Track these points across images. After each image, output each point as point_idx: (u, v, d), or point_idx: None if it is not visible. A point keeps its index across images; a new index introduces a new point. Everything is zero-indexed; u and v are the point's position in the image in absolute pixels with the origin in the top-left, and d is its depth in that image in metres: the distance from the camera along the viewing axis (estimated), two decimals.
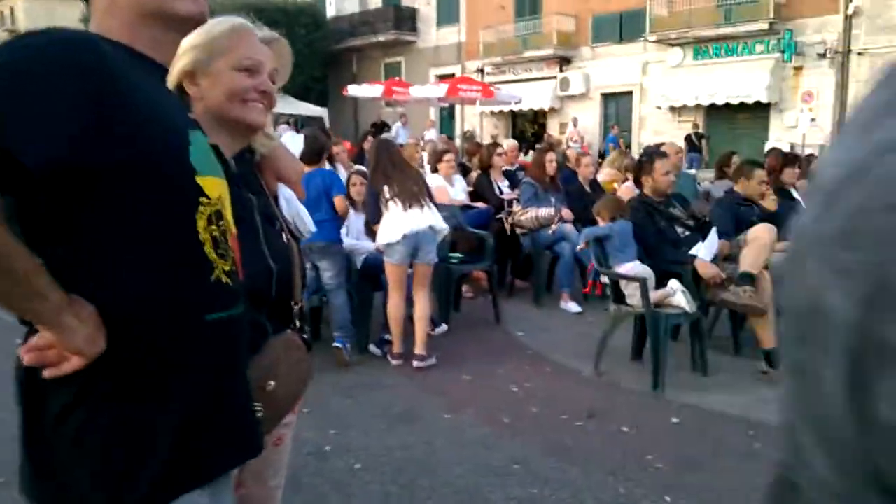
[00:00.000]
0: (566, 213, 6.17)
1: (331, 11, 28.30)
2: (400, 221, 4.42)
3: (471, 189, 7.00)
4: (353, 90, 19.62)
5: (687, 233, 4.81)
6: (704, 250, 4.57)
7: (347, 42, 27.50)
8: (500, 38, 23.15)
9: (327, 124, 24.44)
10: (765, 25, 17.33)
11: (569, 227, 6.05)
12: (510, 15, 23.34)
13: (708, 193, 7.78)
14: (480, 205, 6.58)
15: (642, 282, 4.23)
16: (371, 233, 4.86)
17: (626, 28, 20.71)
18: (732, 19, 17.92)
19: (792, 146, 15.59)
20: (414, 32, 26.74)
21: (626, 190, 6.79)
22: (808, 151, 15.63)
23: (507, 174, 7.22)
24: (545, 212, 6.08)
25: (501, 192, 6.76)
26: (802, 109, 16.64)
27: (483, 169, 7.01)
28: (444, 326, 5.25)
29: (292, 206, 1.88)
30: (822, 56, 16.94)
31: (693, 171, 10.21)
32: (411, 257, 4.49)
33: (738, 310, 4.38)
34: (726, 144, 17.90)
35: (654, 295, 4.31)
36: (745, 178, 5.18)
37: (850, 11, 16.44)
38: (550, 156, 6.41)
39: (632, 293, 4.37)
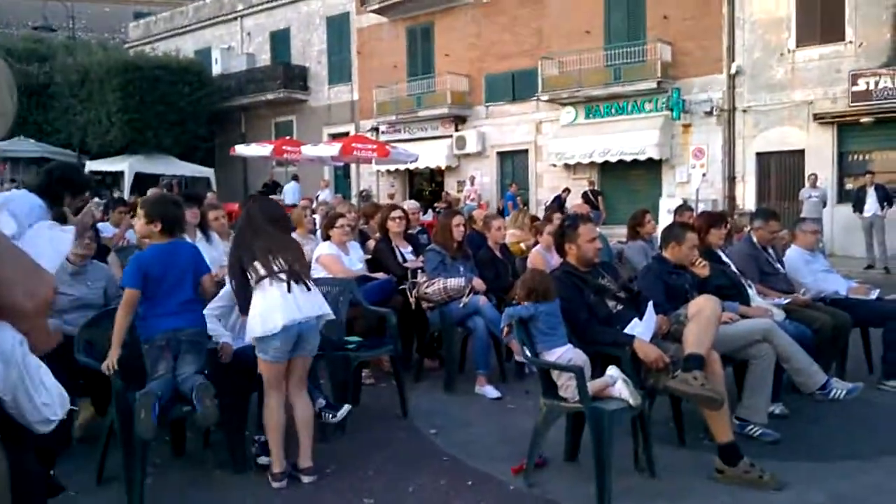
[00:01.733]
0: (478, 283, 5.47)
1: (216, 69, 27.23)
2: (278, 307, 3.55)
3: (369, 257, 6.22)
4: (240, 150, 18.59)
5: (619, 307, 4.18)
6: (643, 328, 3.94)
7: (235, 100, 26.42)
8: (394, 96, 22.75)
9: (213, 186, 23.23)
10: (653, 84, 17.66)
11: (482, 300, 5.34)
12: (403, 74, 23.03)
13: (621, 255, 7.31)
14: (381, 275, 5.80)
15: (577, 372, 3.53)
16: None
17: (518, 87, 20.75)
18: (621, 79, 18.20)
19: (685, 201, 15.72)
20: (305, 91, 26.02)
21: (537, 256, 6.21)
22: (701, 207, 15.84)
23: (410, 238, 6.49)
24: (454, 282, 5.36)
25: (405, 260, 6.01)
26: (694, 165, 16.91)
27: (383, 234, 6.25)
28: (347, 407, 4.23)
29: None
30: (709, 114, 17.38)
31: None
32: (291, 352, 3.63)
33: (690, 400, 3.74)
34: (622, 200, 18.04)
35: (592, 386, 3.62)
36: (676, 243, 4.64)
37: (732, 71, 16.99)
38: (458, 219, 5.73)
39: (565, 384, 3.66)
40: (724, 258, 5.39)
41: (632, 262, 6.64)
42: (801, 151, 16.30)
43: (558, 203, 15.97)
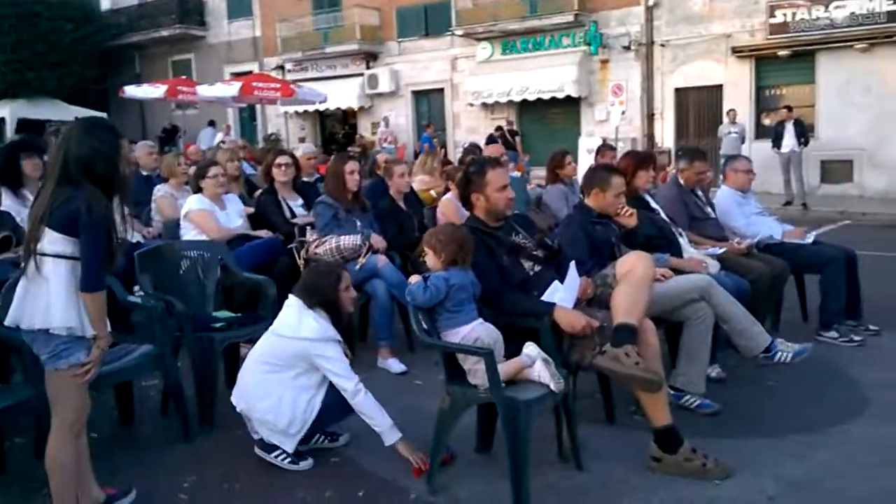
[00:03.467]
0: (377, 240, 4.72)
1: (105, 4, 24.95)
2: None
3: (253, 211, 5.37)
4: (130, 91, 17.00)
5: (537, 268, 3.52)
6: (564, 293, 3.31)
7: (127, 38, 24.32)
8: (300, 31, 21.30)
9: None
10: (570, 18, 16.97)
11: (381, 259, 4.60)
12: (308, 7, 21.53)
13: (539, 200, 6.68)
14: (264, 233, 4.97)
15: (486, 355, 2.86)
16: None
17: (432, 22, 19.71)
18: (538, 11, 17.43)
19: (604, 139, 15.29)
20: (203, 27, 24.16)
21: (448, 206, 5.50)
22: (620, 145, 15.43)
23: (302, 189, 5.65)
24: (349, 240, 4.59)
25: (293, 215, 5.19)
26: (613, 102, 16.42)
27: (268, 184, 5.40)
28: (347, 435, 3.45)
29: None
30: (627, 48, 16.85)
31: (517, 173, 9.16)
32: None
33: (622, 381, 3.15)
34: (540, 140, 17.46)
35: (506, 369, 2.98)
36: (601, 189, 4.00)
37: (650, 3, 16.43)
38: (351, 165, 4.91)
39: (473, 368, 3.00)
40: (653, 204, 4.81)
41: (551, 208, 6.03)
42: (720, 87, 16.02)
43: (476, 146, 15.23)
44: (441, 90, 20.12)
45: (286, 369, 3.20)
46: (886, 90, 14.20)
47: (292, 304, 3.26)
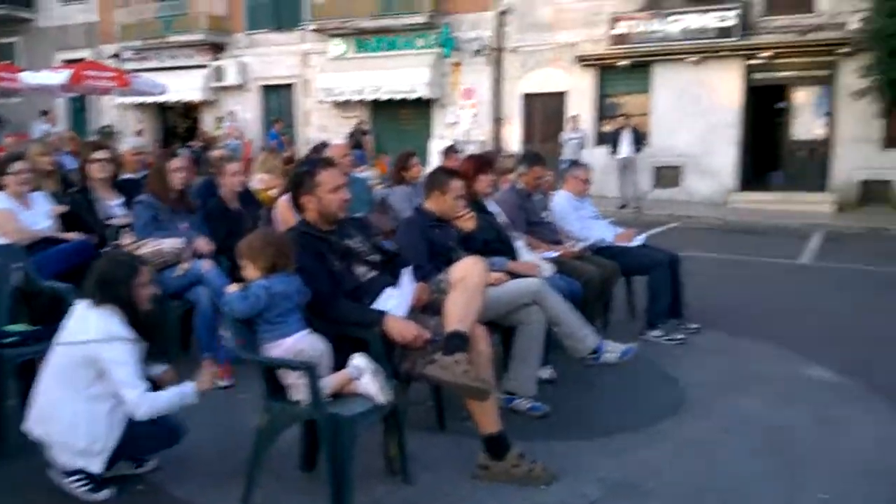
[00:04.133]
0: (201, 243, 4.42)
1: None
2: None
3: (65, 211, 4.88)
4: None
5: (371, 273, 3.39)
6: (397, 300, 3.20)
7: None
8: (140, 18, 20.03)
9: None
10: (424, 19, 17.04)
11: (205, 265, 4.30)
12: None
13: (384, 202, 6.57)
14: (73, 235, 4.52)
15: (308, 369, 2.70)
16: None
17: (283, 14, 19.15)
18: (392, 10, 17.37)
19: (455, 142, 15.46)
20: (30, 8, 22.18)
21: (285, 207, 5.25)
22: (470, 147, 15.66)
23: (128, 187, 5.20)
24: (171, 244, 4.26)
25: (109, 216, 4.76)
26: (463, 106, 16.66)
27: (82, 181, 4.92)
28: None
29: None
30: (479, 53, 17.14)
31: (367, 174, 9.01)
32: None
33: (453, 390, 3.08)
34: (392, 141, 17.40)
35: (331, 382, 2.83)
36: (440, 192, 3.95)
37: (501, 9, 16.79)
38: (177, 162, 4.57)
39: (295, 383, 2.83)
40: (492, 207, 4.82)
41: (395, 210, 5.94)
42: (564, 94, 16.64)
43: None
44: (291, 86, 19.60)
45: (76, 380, 2.82)
46: (714, 102, 15.31)
47: (78, 305, 2.91)
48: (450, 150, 7.72)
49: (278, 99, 19.92)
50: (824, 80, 14.67)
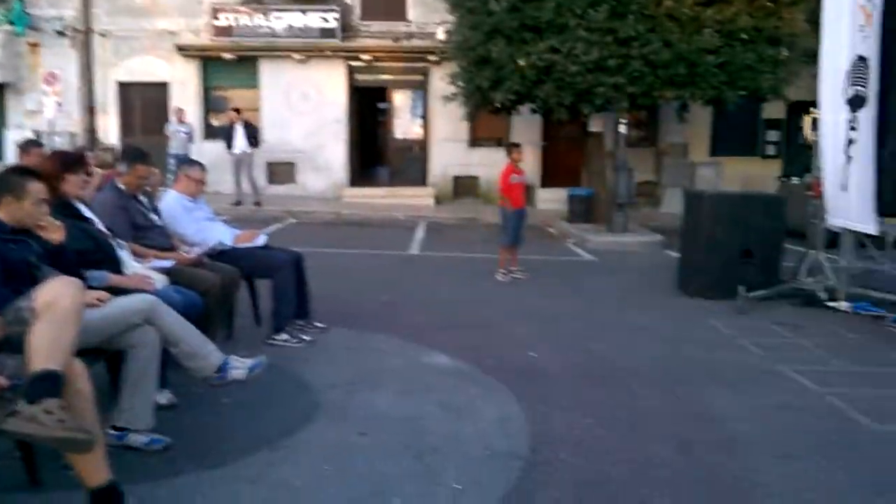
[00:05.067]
0: None
1: None
2: None
3: None
4: None
5: None
6: None
7: None
8: None
9: None
10: None
11: None
12: None
13: None
14: None
15: None
16: None
17: None
18: None
19: (38, 133, 13.53)
20: None
21: None
22: (57, 140, 13.83)
23: None
24: None
25: None
26: (46, 92, 14.54)
27: None
28: None
29: None
30: (62, 34, 15.08)
31: None
32: None
33: (46, 444, 2.47)
34: None
35: None
36: (14, 198, 3.18)
37: None
38: None
39: None
40: (87, 212, 4.12)
41: None
42: (166, 84, 15.57)
43: None
44: None
45: None
46: (322, 99, 15.69)
47: None
48: (30, 144, 6.52)
49: None
50: (419, 84, 16.06)
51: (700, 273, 7.06)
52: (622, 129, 11.38)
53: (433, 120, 15.88)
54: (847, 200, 6.22)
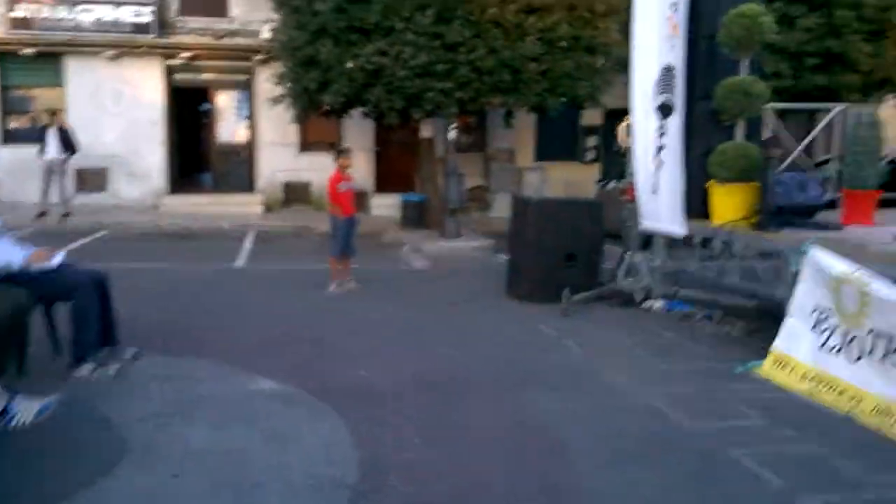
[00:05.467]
0: None
1: None
2: None
3: None
4: None
5: None
6: None
7: None
8: None
9: None
10: None
11: None
12: None
13: None
14: None
15: None
16: None
17: None
18: None
19: None
20: None
21: None
22: None
23: None
24: None
25: None
26: None
27: None
28: None
29: None
30: None
31: None
32: None
33: None
34: None
35: None
36: None
37: None
38: None
39: None
40: None
41: None
42: None
43: None
44: None
45: None
46: (136, 99, 14.63)
47: None
48: None
49: None
50: (243, 84, 15.40)
51: (527, 277, 7.23)
52: (452, 134, 11.52)
53: (260, 122, 15.29)
54: (658, 204, 6.59)
